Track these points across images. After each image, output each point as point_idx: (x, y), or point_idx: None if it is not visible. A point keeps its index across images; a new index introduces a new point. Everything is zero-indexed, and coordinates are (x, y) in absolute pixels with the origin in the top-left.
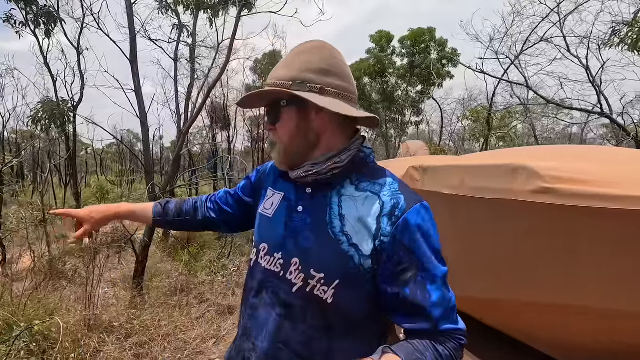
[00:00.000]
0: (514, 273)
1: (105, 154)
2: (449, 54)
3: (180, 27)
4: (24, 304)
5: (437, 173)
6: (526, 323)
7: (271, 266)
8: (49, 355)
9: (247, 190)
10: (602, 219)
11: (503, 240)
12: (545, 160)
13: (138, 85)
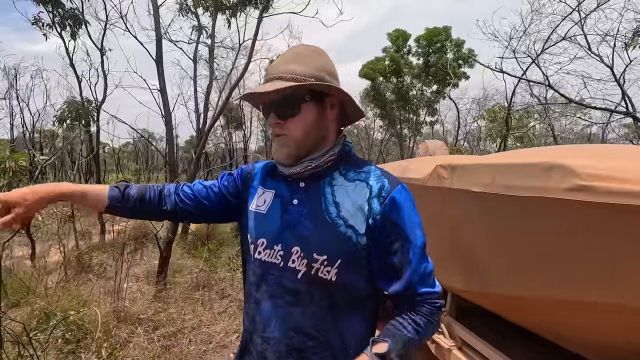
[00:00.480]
0: (546, 271)
1: (121, 153)
2: (465, 54)
3: (200, 28)
4: (58, 296)
5: (466, 171)
6: (557, 321)
7: (271, 259)
8: (84, 344)
9: (232, 188)
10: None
11: (535, 237)
12: (578, 159)
13: (163, 85)
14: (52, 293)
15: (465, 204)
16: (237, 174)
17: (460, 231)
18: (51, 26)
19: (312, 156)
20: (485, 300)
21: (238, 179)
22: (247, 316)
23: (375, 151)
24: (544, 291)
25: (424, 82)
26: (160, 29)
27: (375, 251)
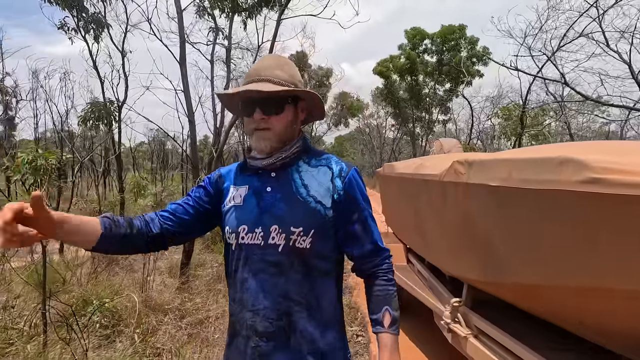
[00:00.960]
0: (561, 260)
1: (136, 152)
2: (479, 52)
3: (216, 30)
4: (92, 285)
5: (483, 167)
6: (571, 309)
7: (253, 241)
8: (117, 329)
9: (205, 196)
10: None
11: (549, 228)
12: (591, 154)
13: (187, 86)
14: (85, 283)
15: (482, 197)
16: (206, 182)
17: (477, 224)
18: (76, 30)
19: (283, 149)
20: (501, 290)
21: (208, 186)
22: (232, 302)
23: (387, 150)
24: (558, 279)
25: (436, 81)
26: (183, 33)
27: (340, 221)
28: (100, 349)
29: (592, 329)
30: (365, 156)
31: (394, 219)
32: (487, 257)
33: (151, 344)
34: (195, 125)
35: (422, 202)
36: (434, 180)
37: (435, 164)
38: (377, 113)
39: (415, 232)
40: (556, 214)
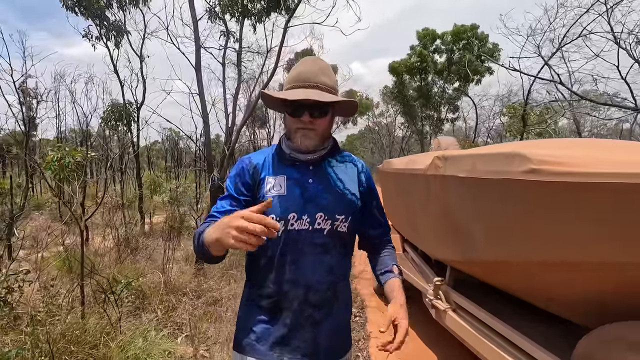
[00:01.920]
0: (517, 238)
1: (151, 151)
2: (489, 49)
3: (227, 33)
4: (119, 268)
5: (455, 161)
6: (529, 281)
7: (301, 226)
8: (142, 306)
9: (246, 189)
10: (578, 191)
11: (505, 211)
12: (539, 149)
13: (201, 90)
14: (112, 267)
15: (455, 187)
16: (245, 172)
17: (453, 210)
18: (99, 38)
19: (323, 146)
20: (474, 268)
21: (247, 177)
22: (276, 284)
23: (397, 148)
24: (515, 256)
25: (445, 80)
26: (198, 40)
27: (364, 208)
28: (130, 319)
29: (542, 297)
30: (375, 155)
31: (391, 211)
32: (463, 240)
33: (172, 319)
34: (209, 126)
35: (412, 194)
36: (420, 174)
37: (423, 160)
38: (387, 112)
39: (408, 223)
40: (509, 199)
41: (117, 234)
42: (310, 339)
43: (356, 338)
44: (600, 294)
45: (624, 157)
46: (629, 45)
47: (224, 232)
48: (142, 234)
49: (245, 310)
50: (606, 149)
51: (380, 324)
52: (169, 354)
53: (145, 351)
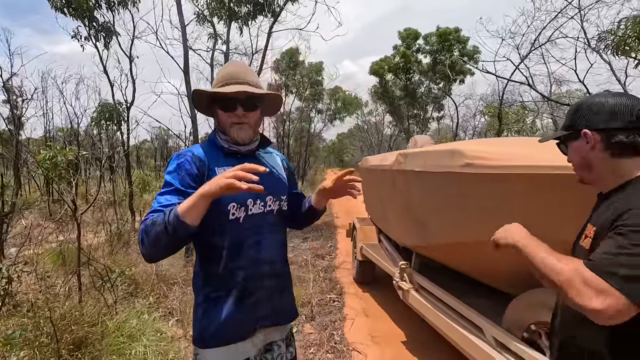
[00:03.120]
0: (460, 222)
1: (139, 150)
2: (470, 51)
3: (215, 36)
4: (112, 260)
5: (412, 157)
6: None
7: (258, 210)
8: (135, 293)
9: (192, 179)
10: (502, 181)
11: (449, 199)
12: (473, 146)
13: (190, 92)
14: (106, 258)
15: (412, 180)
16: (190, 164)
17: (413, 200)
18: (88, 38)
19: (255, 139)
20: (432, 251)
21: (194, 168)
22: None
23: (385, 146)
24: (461, 237)
25: (431, 80)
26: (187, 44)
27: (290, 189)
28: (124, 304)
29: (485, 274)
30: (364, 153)
31: (369, 205)
32: (421, 226)
33: (163, 304)
34: (197, 125)
35: (383, 188)
36: (387, 169)
37: (391, 157)
38: (376, 110)
39: (381, 214)
40: (451, 189)
41: (109, 229)
42: (278, 304)
43: (333, 319)
44: (523, 267)
45: (540, 152)
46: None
47: (217, 179)
48: (133, 230)
49: (212, 304)
50: (529, 146)
51: (356, 309)
52: (161, 333)
53: (140, 330)
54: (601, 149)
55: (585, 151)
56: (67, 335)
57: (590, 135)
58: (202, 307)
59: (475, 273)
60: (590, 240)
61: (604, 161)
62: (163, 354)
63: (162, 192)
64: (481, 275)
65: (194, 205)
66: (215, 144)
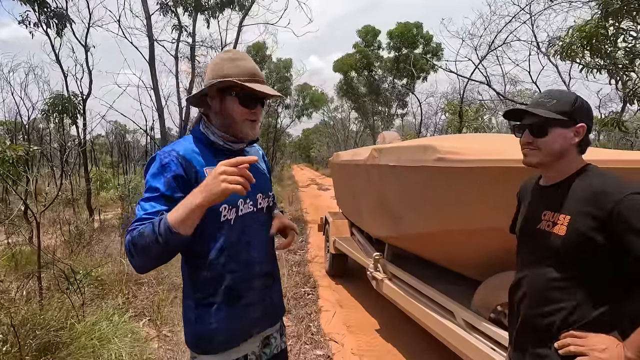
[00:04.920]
0: (432, 212)
1: (93, 146)
2: (433, 48)
3: (180, 27)
4: (75, 260)
5: (387, 152)
6: (451, 249)
7: (248, 209)
8: (104, 294)
9: (178, 182)
10: (472, 174)
11: (423, 191)
12: (446, 142)
13: (156, 84)
14: (67, 259)
15: (387, 174)
16: (176, 165)
17: (386, 193)
18: (38, 25)
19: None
20: (404, 242)
21: (180, 169)
22: (231, 273)
23: (352, 142)
24: (433, 227)
25: (395, 76)
26: (152, 35)
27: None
28: (92, 306)
29: (454, 261)
30: (330, 149)
31: (341, 199)
32: (395, 218)
33: (134, 304)
34: (164, 119)
35: (356, 182)
36: (361, 164)
37: (364, 152)
38: (342, 107)
39: (354, 208)
40: (424, 182)
41: (68, 229)
42: (269, 303)
43: (309, 312)
44: (489, 253)
45: (505, 147)
46: (549, 53)
47: (211, 185)
48: (92, 230)
49: (204, 310)
50: (493, 142)
51: (330, 301)
52: (134, 334)
53: (111, 332)
54: (576, 144)
55: (569, 142)
56: (30, 341)
57: (582, 130)
58: (194, 313)
59: (446, 261)
60: (565, 227)
61: (572, 154)
62: (139, 355)
63: (146, 198)
64: (451, 263)
65: (188, 216)
66: (202, 140)
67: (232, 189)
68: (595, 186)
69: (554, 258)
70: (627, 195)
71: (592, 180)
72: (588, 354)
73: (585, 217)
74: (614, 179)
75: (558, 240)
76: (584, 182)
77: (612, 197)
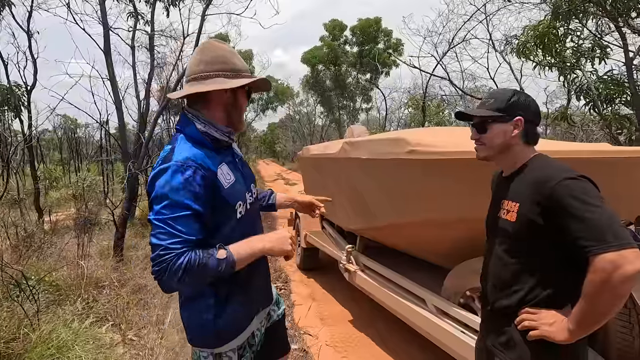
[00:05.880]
0: (402, 203)
1: (40, 142)
2: (394, 44)
3: (137, 15)
4: (26, 265)
5: (358, 145)
6: (421, 238)
7: (250, 201)
8: (61, 300)
9: (205, 197)
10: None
11: (394, 183)
12: (415, 135)
13: (112, 75)
14: (16, 264)
15: (359, 166)
16: (200, 179)
17: (358, 186)
18: None
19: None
20: (376, 233)
21: (204, 181)
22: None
23: (317, 136)
24: (404, 218)
25: (359, 71)
26: (107, 22)
27: None
28: (49, 313)
29: (424, 250)
30: (296, 143)
31: (311, 193)
32: (366, 210)
33: (95, 309)
34: (122, 112)
35: (327, 176)
36: (333, 157)
37: (336, 146)
38: (307, 101)
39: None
40: (396, 173)
41: (15, 232)
42: (267, 283)
43: None
44: (459, 242)
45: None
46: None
47: (280, 243)
48: (43, 233)
49: (224, 303)
50: (458, 135)
51: (303, 295)
52: (96, 340)
53: (71, 339)
54: (520, 136)
55: (509, 135)
56: None
57: (521, 123)
58: (213, 311)
59: (417, 250)
60: (515, 214)
61: (518, 146)
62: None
63: (175, 217)
64: (422, 251)
65: (250, 259)
66: (203, 140)
67: (291, 254)
68: (538, 174)
69: (508, 243)
70: (561, 180)
71: (537, 169)
72: (538, 327)
73: (530, 203)
74: (555, 166)
75: (510, 226)
76: (532, 171)
77: (549, 183)
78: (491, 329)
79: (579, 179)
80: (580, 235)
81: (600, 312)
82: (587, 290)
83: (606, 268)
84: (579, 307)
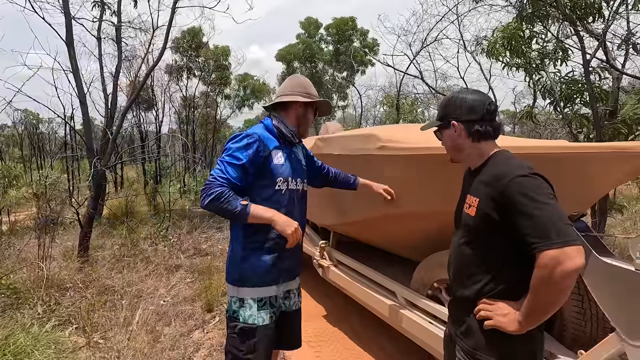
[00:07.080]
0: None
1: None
2: (369, 43)
3: (102, 4)
4: None
5: (331, 141)
6: (391, 232)
7: (295, 186)
8: (19, 304)
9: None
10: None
11: (366, 178)
12: (386, 131)
13: (76, 67)
14: None
15: (332, 163)
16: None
17: None
18: None
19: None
20: (348, 228)
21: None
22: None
23: None
24: (374, 212)
25: (335, 69)
26: (69, 12)
27: (314, 165)
28: (4, 317)
29: (395, 244)
30: None
31: None
32: (337, 207)
33: (57, 312)
34: (87, 107)
35: None
36: None
37: (309, 142)
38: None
39: None
40: (368, 169)
41: None
42: (295, 260)
43: None
44: (428, 235)
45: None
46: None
47: (287, 224)
48: (0, 233)
49: (249, 252)
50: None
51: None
52: (58, 344)
53: (30, 345)
54: (465, 136)
55: (454, 138)
56: None
57: (457, 125)
58: (240, 255)
59: (388, 244)
60: (475, 209)
61: (469, 145)
62: None
63: (230, 163)
64: (393, 245)
65: (259, 219)
66: (273, 131)
67: (289, 239)
68: (494, 170)
69: (469, 237)
70: (514, 177)
71: (495, 165)
72: (492, 318)
73: (487, 199)
74: (511, 163)
75: (471, 220)
76: (491, 167)
77: (503, 181)
78: (454, 318)
79: (530, 176)
80: (527, 232)
81: (545, 305)
82: (533, 285)
83: (548, 264)
84: (527, 301)
